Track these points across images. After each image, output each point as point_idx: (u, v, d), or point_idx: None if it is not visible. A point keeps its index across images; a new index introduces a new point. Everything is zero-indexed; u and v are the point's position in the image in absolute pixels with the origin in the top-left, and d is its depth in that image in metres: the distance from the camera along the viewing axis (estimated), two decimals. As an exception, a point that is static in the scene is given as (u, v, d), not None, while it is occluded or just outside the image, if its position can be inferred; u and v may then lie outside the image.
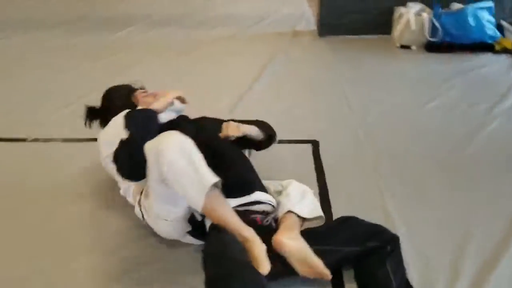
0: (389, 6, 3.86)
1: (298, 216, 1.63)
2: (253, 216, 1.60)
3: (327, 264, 1.48)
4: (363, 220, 1.65)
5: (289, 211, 1.64)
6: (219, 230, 1.47)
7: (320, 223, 1.71)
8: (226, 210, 1.52)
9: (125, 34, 4.17)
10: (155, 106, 1.88)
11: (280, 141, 2.12)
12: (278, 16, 4.64)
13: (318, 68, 3.49)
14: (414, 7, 3.74)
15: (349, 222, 1.64)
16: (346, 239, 1.57)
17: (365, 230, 1.60)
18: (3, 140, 2.52)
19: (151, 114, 1.84)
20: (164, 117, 1.92)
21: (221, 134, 1.80)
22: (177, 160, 1.45)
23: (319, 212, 1.72)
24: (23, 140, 2.49)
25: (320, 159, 2.30)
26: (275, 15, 4.64)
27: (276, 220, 1.65)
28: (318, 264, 1.46)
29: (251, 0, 5.14)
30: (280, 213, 1.65)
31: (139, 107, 1.92)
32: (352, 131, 2.57)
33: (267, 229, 1.59)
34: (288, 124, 2.58)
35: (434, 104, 2.83)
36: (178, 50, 3.81)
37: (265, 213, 1.64)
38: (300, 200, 1.70)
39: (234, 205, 1.59)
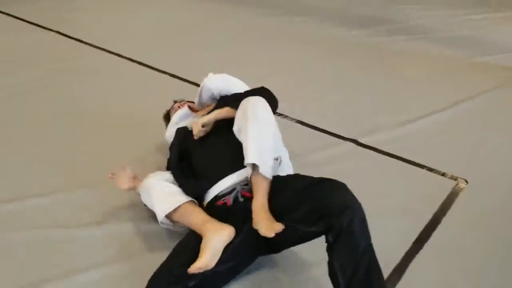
0: None
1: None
2: (222, 200, 1.71)
3: (287, 241, 1.61)
4: (328, 190, 1.49)
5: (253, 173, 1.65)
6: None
7: None
8: (185, 218, 1.70)
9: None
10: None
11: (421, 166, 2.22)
12: None
13: None
14: None
15: (311, 191, 1.52)
16: (302, 216, 1.48)
17: (319, 207, 1.45)
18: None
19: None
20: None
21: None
22: (142, 195, 1.85)
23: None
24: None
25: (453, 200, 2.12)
26: None
27: (244, 192, 1.69)
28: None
29: None
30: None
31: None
32: None
33: (237, 206, 1.67)
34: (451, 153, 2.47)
35: None
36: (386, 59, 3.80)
37: (235, 190, 1.71)
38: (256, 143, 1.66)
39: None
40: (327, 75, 3.48)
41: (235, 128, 1.78)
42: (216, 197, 1.74)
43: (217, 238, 1.55)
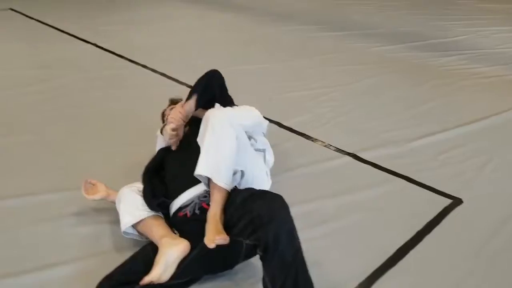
0: None
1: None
2: (182, 212, 1.75)
3: (236, 255, 1.61)
4: (260, 203, 1.48)
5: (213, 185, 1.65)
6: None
7: None
8: (147, 231, 1.76)
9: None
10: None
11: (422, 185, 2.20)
12: None
13: None
14: None
15: (249, 204, 1.52)
16: (242, 229, 1.49)
17: (253, 219, 1.44)
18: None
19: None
20: None
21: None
22: (116, 204, 1.91)
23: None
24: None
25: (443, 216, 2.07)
26: None
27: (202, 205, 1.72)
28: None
29: None
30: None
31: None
32: None
33: (196, 218, 1.70)
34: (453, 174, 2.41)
35: None
36: (424, 74, 3.76)
37: (193, 202, 1.74)
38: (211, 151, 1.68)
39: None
40: (360, 88, 3.46)
41: (198, 140, 1.78)
42: (179, 209, 1.78)
43: (170, 252, 1.59)
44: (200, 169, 1.66)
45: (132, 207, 1.81)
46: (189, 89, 2.05)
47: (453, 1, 6.13)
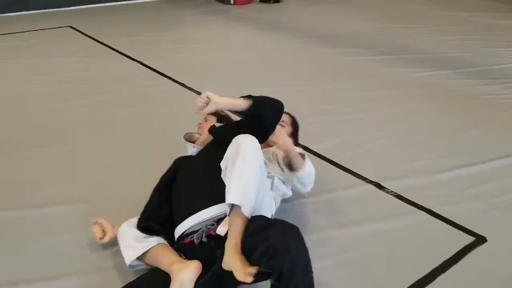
0: None
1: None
2: (189, 239, 1.75)
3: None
4: (277, 233, 1.51)
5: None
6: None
7: None
8: (154, 261, 1.76)
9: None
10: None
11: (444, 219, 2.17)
12: None
13: None
14: None
15: (265, 232, 1.53)
16: (258, 257, 1.49)
17: (268, 248, 1.46)
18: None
19: None
20: None
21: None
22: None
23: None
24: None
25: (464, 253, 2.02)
26: None
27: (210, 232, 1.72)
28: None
29: None
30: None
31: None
32: None
33: (203, 245, 1.70)
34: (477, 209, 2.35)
35: None
36: (466, 101, 3.67)
37: (200, 230, 1.74)
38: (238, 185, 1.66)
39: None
40: (394, 115, 3.41)
41: (222, 164, 1.77)
42: (184, 234, 1.78)
43: (183, 276, 1.59)
44: (232, 198, 1.64)
45: (132, 240, 1.82)
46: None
47: (503, 26, 5.89)
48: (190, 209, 1.80)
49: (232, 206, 1.66)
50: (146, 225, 1.86)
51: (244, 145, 1.72)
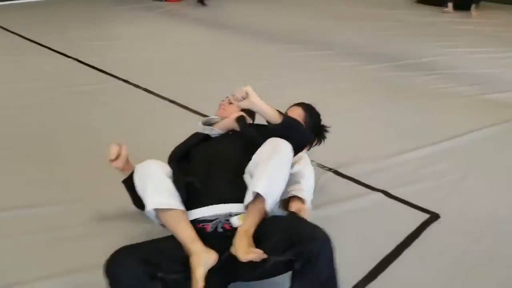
0: None
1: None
2: (201, 224, 1.69)
3: (259, 272, 1.56)
4: (298, 221, 1.67)
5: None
6: None
7: None
8: (171, 223, 1.67)
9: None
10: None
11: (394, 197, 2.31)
12: None
13: None
14: None
15: (285, 222, 1.65)
16: (275, 245, 1.52)
17: (291, 235, 1.52)
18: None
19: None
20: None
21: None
22: (136, 176, 1.78)
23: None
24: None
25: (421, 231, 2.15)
26: None
27: (226, 225, 1.69)
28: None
29: None
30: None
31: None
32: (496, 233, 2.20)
33: (215, 234, 1.67)
34: (429, 188, 2.50)
35: None
36: (404, 93, 3.87)
37: (217, 220, 1.70)
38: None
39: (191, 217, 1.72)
40: (341, 106, 3.51)
41: (256, 156, 1.77)
42: (197, 220, 1.72)
43: (205, 260, 1.54)
44: (261, 189, 1.63)
45: (164, 189, 1.70)
46: (170, 104, 2.07)
47: (432, 23, 6.31)
48: (212, 198, 1.75)
49: (255, 197, 1.66)
50: (190, 181, 1.80)
51: (283, 148, 1.76)
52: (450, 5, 6.74)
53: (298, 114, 2.30)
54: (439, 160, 2.78)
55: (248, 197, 1.68)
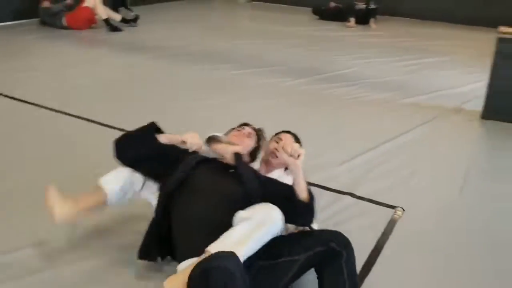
0: None
1: None
2: None
3: (287, 280, 1.68)
4: (314, 230, 1.90)
5: None
6: None
7: None
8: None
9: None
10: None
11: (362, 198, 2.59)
12: (455, 91, 4.57)
13: (458, 147, 3.40)
14: None
15: (300, 233, 1.89)
16: (298, 248, 1.68)
17: (314, 237, 1.73)
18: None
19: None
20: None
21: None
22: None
23: None
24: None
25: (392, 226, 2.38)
26: (453, 90, 4.60)
27: None
28: None
29: (440, 74, 5.19)
30: None
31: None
32: (451, 218, 2.52)
33: None
34: (386, 186, 2.76)
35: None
36: (334, 103, 4.16)
37: None
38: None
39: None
40: (282, 121, 3.58)
41: (244, 213, 1.72)
42: None
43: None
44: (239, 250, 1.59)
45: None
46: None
47: (340, 37, 6.81)
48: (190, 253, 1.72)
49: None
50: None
51: (274, 221, 1.72)
52: (352, 20, 7.36)
53: (291, 140, 2.32)
54: (387, 160, 3.09)
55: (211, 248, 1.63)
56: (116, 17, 6.63)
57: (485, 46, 6.37)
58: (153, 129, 2.14)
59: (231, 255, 1.52)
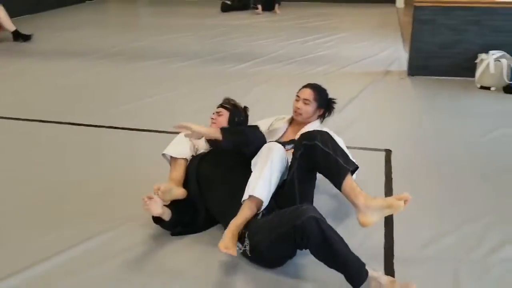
0: (473, 53, 4.34)
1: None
2: None
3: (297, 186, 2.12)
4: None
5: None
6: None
7: None
8: (171, 168, 2.37)
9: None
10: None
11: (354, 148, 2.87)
12: (376, 58, 5.29)
13: (401, 99, 4.07)
14: (495, 54, 4.15)
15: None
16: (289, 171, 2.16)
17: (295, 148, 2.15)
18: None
19: None
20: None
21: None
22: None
23: None
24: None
25: (390, 166, 2.87)
26: (374, 57, 5.31)
27: None
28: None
29: (356, 46, 5.85)
30: None
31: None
32: (421, 147, 3.13)
33: None
34: (367, 136, 3.27)
35: (494, 135, 3.29)
36: (279, 81, 4.58)
37: None
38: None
39: None
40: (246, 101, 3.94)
41: (253, 163, 2.16)
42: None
43: (171, 188, 2.22)
44: (258, 192, 1.99)
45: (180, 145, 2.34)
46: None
47: (252, 24, 7.22)
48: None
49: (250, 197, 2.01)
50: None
51: (276, 151, 2.13)
52: (259, 6, 7.89)
53: (308, 93, 2.68)
54: (355, 118, 3.62)
55: (245, 196, 2.02)
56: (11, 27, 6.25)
57: (386, 19, 7.40)
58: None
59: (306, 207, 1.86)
